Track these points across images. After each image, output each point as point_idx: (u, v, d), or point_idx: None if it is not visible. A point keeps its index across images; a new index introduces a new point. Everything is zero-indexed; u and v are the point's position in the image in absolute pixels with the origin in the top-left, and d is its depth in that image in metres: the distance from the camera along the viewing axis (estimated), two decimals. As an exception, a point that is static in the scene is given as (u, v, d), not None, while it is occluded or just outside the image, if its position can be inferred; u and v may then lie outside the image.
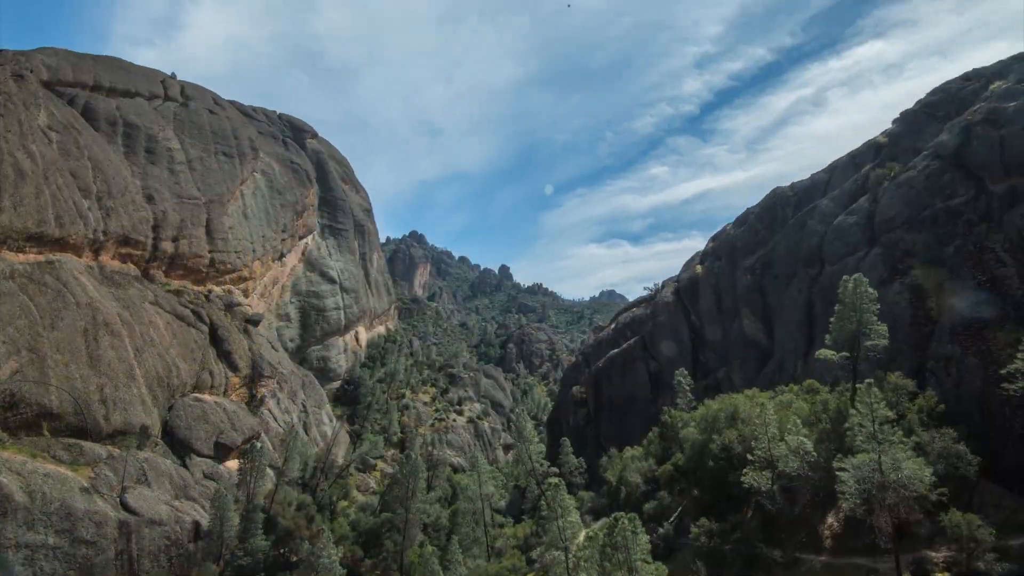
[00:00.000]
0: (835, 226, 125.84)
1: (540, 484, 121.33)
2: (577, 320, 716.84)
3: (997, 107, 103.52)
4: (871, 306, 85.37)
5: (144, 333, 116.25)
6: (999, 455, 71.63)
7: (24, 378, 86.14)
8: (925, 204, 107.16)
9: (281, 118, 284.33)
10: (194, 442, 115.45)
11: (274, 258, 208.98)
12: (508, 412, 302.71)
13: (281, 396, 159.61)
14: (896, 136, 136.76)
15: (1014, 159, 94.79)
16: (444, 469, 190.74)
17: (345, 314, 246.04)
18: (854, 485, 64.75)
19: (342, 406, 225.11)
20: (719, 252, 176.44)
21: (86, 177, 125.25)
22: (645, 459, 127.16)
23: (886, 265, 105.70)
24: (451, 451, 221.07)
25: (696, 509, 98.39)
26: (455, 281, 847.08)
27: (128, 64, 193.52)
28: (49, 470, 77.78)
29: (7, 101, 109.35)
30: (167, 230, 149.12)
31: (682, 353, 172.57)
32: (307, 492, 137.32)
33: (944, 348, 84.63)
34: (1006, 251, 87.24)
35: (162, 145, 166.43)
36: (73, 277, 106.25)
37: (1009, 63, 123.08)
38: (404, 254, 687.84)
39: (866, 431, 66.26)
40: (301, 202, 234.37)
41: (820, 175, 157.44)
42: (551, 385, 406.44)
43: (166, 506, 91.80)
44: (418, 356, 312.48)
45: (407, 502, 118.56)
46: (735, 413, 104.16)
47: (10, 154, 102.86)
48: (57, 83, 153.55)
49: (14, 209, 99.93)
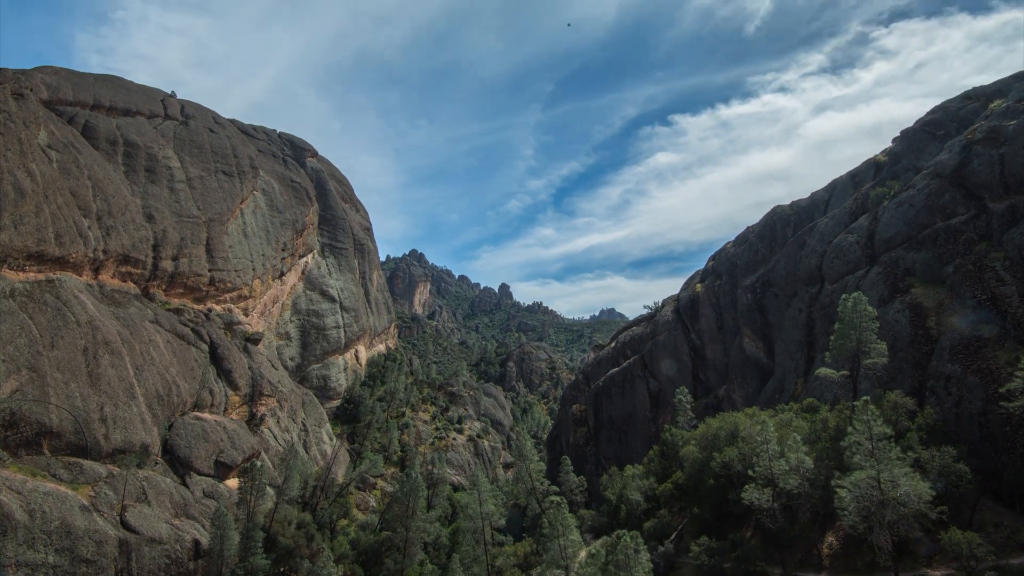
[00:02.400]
0: (835, 245, 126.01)
1: (541, 502, 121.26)
2: (577, 338, 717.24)
3: (997, 125, 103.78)
4: (871, 324, 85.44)
5: (144, 352, 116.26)
6: (999, 473, 71.57)
7: (24, 397, 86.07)
8: (925, 223, 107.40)
9: (281, 137, 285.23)
10: (194, 461, 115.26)
11: (274, 277, 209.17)
12: (508, 430, 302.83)
13: (281, 415, 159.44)
14: (896, 155, 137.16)
15: (1014, 178, 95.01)
16: (444, 487, 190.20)
17: (345, 333, 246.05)
18: (852, 503, 64.68)
19: (342, 424, 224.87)
20: (719, 271, 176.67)
21: (86, 196, 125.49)
22: (645, 477, 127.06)
23: (886, 284, 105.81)
24: (451, 469, 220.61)
25: (696, 527, 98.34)
26: (455, 300, 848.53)
27: (128, 83, 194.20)
28: (49, 489, 77.58)
29: (7, 120, 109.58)
30: (167, 249, 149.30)
31: (682, 372, 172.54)
32: (307, 511, 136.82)
33: (944, 366, 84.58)
34: (1006, 269, 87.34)
35: (162, 164, 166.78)
36: (73, 296, 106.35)
37: (1009, 82, 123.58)
38: (404, 273, 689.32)
39: (864, 448, 66.23)
40: (301, 221, 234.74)
41: (820, 194, 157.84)
42: (551, 403, 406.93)
43: (166, 525, 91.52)
44: (418, 374, 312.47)
45: (407, 521, 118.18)
46: (735, 431, 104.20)
47: (10, 173, 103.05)
48: (57, 102, 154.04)
49: (14, 228, 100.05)
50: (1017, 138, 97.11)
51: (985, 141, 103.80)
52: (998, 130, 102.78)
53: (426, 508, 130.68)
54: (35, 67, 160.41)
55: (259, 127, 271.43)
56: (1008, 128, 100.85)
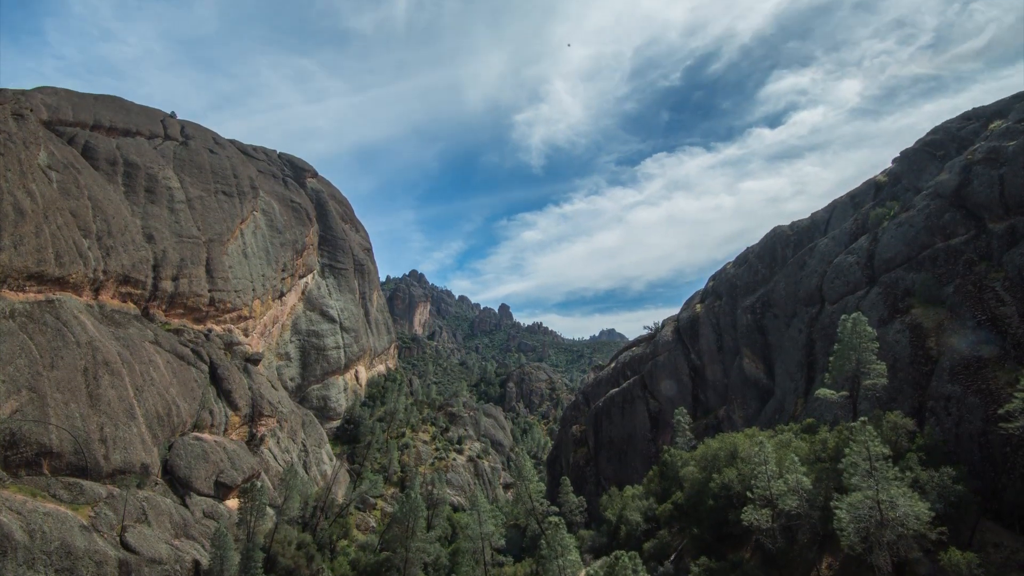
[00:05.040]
0: (835, 265, 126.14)
1: (540, 523, 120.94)
2: (577, 359, 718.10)
3: (997, 146, 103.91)
4: (870, 345, 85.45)
5: (144, 372, 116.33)
6: (999, 494, 71.38)
7: (24, 417, 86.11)
8: (925, 243, 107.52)
9: (281, 157, 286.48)
10: (194, 481, 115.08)
11: (274, 297, 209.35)
12: (508, 451, 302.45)
13: (281, 435, 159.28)
14: (896, 175, 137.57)
15: (1014, 198, 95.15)
16: (444, 508, 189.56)
17: (345, 353, 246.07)
18: (851, 524, 64.54)
19: (342, 445, 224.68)
20: (719, 291, 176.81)
21: (86, 216, 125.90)
22: (645, 498, 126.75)
23: (886, 304, 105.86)
24: (451, 490, 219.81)
25: (696, 547, 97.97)
26: (455, 320, 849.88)
27: (128, 103, 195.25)
28: (49, 509, 77.52)
29: (7, 140, 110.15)
30: (167, 269, 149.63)
31: (682, 392, 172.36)
32: (307, 531, 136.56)
33: (944, 387, 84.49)
34: (1006, 290, 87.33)
35: (162, 184, 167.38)
36: (73, 316, 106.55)
37: (1009, 102, 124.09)
38: (404, 293, 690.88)
39: (862, 469, 66.15)
40: (301, 241, 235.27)
41: (820, 214, 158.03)
42: (551, 424, 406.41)
43: (166, 545, 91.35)
44: (418, 395, 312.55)
45: (407, 541, 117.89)
46: (735, 452, 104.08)
47: (10, 193, 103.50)
48: (57, 122, 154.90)
49: (14, 248, 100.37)
50: (1017, 158, 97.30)
51: (985, 161, 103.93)
52: (998, 150, 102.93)
53: (426, 528, 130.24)
54: (35, 87, 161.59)
55: (259, 147, 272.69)
56: (1008, 148, 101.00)
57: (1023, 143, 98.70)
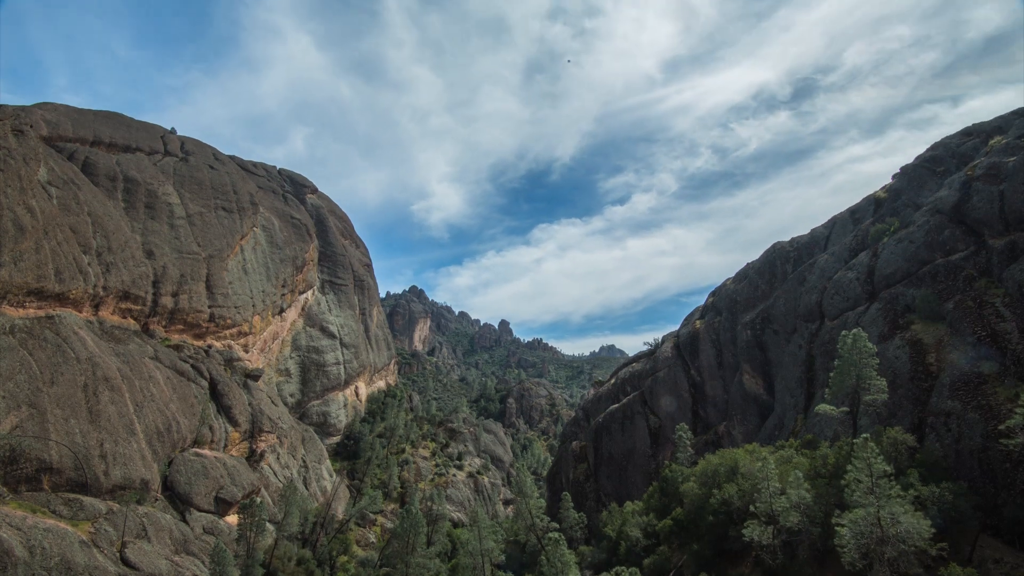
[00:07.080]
0: (835, 281, 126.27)
1: (540, 539, 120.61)
2: (577, 375, 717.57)
3: (997, 162, 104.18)
4: (870, 361, 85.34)
5: (144, 388, 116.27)
6: (999, 510, 71.29)
7: (24, 433, 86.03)
8: (925, 259, 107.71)
9: (281, 173, 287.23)
10: (194, 497, 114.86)
11: (274, 313, 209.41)
12: (508, 467, 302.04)
13: (281, 451, 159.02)
14: (896, 191, 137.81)
15: (1014, 214, 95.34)
16: (444, 524, 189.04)
17: (345, 369, 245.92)
18: (852, 540, 64.46)
19: (342, 461, 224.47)
20: (719, 307, 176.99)
21: (86, 232, 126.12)
22: (645, 514, 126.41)
23: (886, 320, 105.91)
24: (451, 506, 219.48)
25: (696, 564, 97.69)
26: (454, 336, 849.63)
27: (128, 119, 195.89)
28: (49, 525, 77.30)
29: (7, 156, 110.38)
30: (167, 285, 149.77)
31: (682, 408, 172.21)
32: (307, 547, 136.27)
33: (944, 403, 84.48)
34: (1006, 306, 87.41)
35: (162, 200, 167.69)
36: (73, 332, 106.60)
37: (1009, 118, 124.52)
38: (404, 309, 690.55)
39: (863, 486, 66.11)
40: (301, 257, 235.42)
41: (820, 230, 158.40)
42: (551, 440, 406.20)
43: (166, 561, 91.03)
44: (418, 411, 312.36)
45: (407, 557, 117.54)
46: (735, 468, 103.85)
47: (10, 209, 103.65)
48: (57, 138, 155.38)
49: (14, 264, 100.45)
50: (1017, 174, 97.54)
51: (985, 178, 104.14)
52: (998, 166, 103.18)
53: (426, 544, 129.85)
54: (35, 103, 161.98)
55: (259, 163, 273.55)
56: (1008, 165, 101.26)
57: (1023, 159, 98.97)
